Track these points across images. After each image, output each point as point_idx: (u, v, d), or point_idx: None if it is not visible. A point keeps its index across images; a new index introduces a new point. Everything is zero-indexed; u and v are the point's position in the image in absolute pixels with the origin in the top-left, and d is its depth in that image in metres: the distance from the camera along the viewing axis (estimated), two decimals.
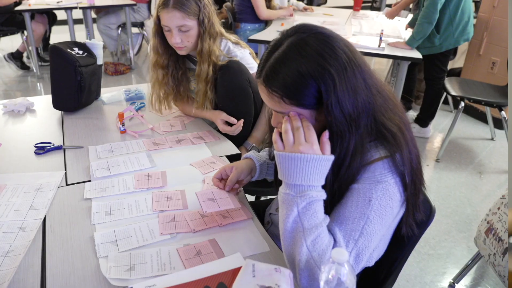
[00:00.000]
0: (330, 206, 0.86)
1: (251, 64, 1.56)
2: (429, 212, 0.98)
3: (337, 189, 0.85)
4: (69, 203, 1.14)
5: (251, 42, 2.88)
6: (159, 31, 1.46)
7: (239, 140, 1.57)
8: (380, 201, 0.81)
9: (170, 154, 1.41)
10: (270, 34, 3.02)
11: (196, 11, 1.40)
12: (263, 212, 1.24)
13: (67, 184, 1.24)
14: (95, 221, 1.07)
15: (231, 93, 1.50)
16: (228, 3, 4.14)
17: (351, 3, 4.43)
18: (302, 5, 4.14)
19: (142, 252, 0.96)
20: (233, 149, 1.45)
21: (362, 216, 0.80)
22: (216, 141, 1.51)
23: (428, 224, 0.97)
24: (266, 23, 3.52)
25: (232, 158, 1.40)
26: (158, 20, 1.43)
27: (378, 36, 2.89)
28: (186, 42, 1.43)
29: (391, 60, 4.30)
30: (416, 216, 0.89)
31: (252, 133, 1.63)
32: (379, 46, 2.73)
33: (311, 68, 0.77)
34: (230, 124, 1.53)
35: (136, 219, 1.08)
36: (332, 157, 0.82)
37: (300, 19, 3.64)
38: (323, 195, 0.82)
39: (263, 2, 3.35)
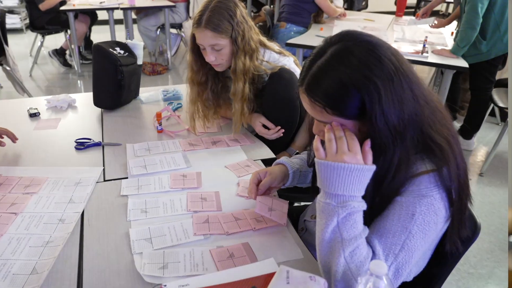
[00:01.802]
0: (370, 218, 0.85)
1: (298, 72, 1.56)
2: (473, 229, 0.94)
3: (379, 202, 0.84)
4: (106, 199, 1.19)
5: (288, 45, 2.89)
6: (195, 48, 1.48)
7: (279, 146, 1.57)
8: (424, 216, 0.79)
9: (205, 156, 1.43)
10: (309, 38, 3.02)
11: (228, 30, 1.39)
12: (296, 218, 1.24)
13: (105, 180, 1.29)
14: (130, 218, 1.10)
15: (277, 102, 1.49)
16: (266, 7, 4.18)
17: (394, 9, 4.35)
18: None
19: (176, 251, 0.98)
20: (269, 153, 1.46)
21: (404, 230, 0.79)
22: (252, 144, 1.52)
23: (472, 241, 0.93)
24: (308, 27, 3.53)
25: (267, 162, 1.40)
26: (193, 37, 1.45)
27: (422, 43, 2.83)
28: (220, 60, 1.45)
29: (433, 68, 4.18)
30: (462, 233, 0.86)
31: (295, 140, 1.63)
32: (422, 53, 2.67)
33: (355, 78, 0.76)
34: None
35: (170, 218, 1.10)
36: (374, 167, 0.81)
37: (340, 23, 3.62)
38: (363, 205, 0.81)
39: (329, 2, 3.51)
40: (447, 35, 3.38)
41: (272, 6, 5.34)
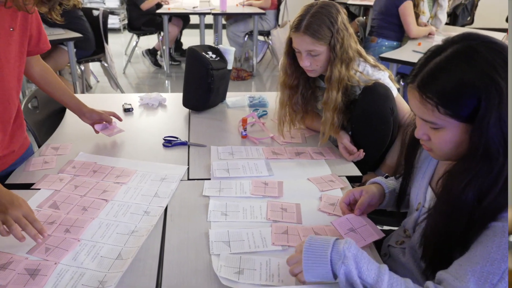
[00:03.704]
0: (463, 240, 0.81)
1: (393, 88, 1.53)
2: None
3: (477, 220, 0.79)
4: (189, 197, 1.26)
5: (382, 60, 2.83)
6: (290, 51, 1.52)
7: (367, 165, 1.55)
8: None
9: (288, 166, 1.46)
10: (405, 53, 2.94)
11: (327, 36, 1.41)
12: (380, 243, 1.20)
13: (188, 179, 1.37)
14: (211, 219, 1.15)
15: (369, 118, 1.48)
16: (360, 18, 4.14)
17: (505, 26, 4.04)
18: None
19: (252, 258, 1.01)
20: (355, 171, 1.44)
21: (505, 258, 0.74)
22: (337, 159, 1.51)
23: None
24: (402, 41, 3.43)
25: (353, 180, 1.39)
26: (290, 41, 1.49)
27: None
28: (315, 66, 1.47)
29: None
30: None
31: (385, 161, 1.60)
32: None
33: (477, 78, 0.76)
34: None
35: (249, 224, 1.14)
36: None
37: (439, 39, 3.46)
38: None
39: (414, 20, 3.32)
40: None
41: (365, 17, 5.28)
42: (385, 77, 1.53)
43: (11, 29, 1.25)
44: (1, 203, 1.00)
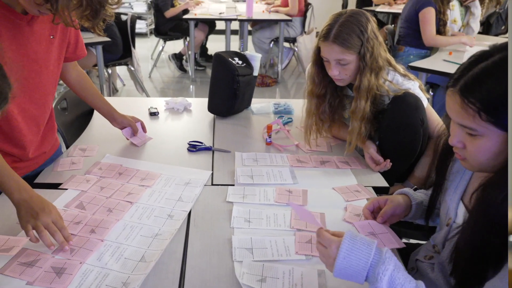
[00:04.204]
0: (497, 256, 0.79)
1: (423, 98, 1.51)
2: None
3: None
4: (212, 202, 1.27)
5: (411, 69, 2.79)
6: (318, 60, 1.51)
7: (394, 175, 1.53)
8: None
9: (313, 174, 1.45)
10: (435, 62, 2.89)
11: (357, 45, 1.40)
12: (407, 256, 1.18)
13: (212, 184, 1.38)
14: (234, 225, 1.16)
15: (398, 128, 1.46)
16: (389, 26, 4.10)
17: None
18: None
19: (275, 266, 1.00)
20: (381, 181, 1.43)
21: None
22: (363, 169, 1.50)
23: None
24: (431, 49, 3.37)
25: (379, 190, 1.37)
26: (318, 50, 1.49)
27: None
28: (344, 75, 1.46)
29: None
30: None
31: (414, 172, 1.57)
32: None
33: None
34: None
35: (273, 232, 1.14)
36: None
37: (472, 49, 3.39)
38: None
39: (432, 27, 3.20)
40: None
41: (394, 25, 5.23)
42: (415, 86, 1.51)
43: (52, 37, 1.29)
44: (32, 209, 1.03)
